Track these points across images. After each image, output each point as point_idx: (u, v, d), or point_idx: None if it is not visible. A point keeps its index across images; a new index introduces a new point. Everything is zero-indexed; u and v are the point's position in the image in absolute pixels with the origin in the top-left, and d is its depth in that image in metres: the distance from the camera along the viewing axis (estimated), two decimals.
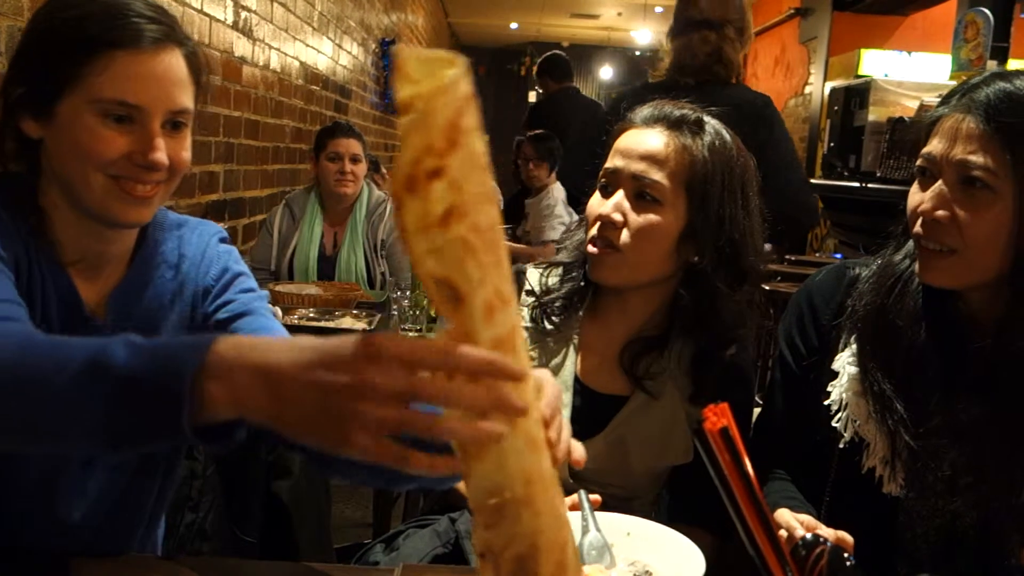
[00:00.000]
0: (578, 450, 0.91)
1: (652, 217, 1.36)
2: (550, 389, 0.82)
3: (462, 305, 0.66)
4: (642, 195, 1.37)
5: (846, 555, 0.84)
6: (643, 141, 1.38)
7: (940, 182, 1.18)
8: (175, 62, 1.13)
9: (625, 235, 1.37)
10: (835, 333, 1.33)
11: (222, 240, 1.32)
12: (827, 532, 1.05)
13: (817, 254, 7.10)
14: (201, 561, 1.32)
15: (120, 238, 1.20)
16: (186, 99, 1.14)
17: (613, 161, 1.41)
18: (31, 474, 1.15)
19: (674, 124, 1.39)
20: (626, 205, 1.37)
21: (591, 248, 1.39)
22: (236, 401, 0.73)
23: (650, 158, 1.37)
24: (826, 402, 1.31)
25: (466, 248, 0.64)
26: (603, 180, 1.42)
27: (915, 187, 1.25)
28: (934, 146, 1.19)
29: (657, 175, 1.36)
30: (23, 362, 0.82)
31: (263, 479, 2.24)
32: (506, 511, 0.70)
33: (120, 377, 0.76)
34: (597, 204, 1.41)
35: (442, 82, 0.63)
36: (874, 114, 4.66)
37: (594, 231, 1.39)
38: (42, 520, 1.17)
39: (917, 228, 1.21)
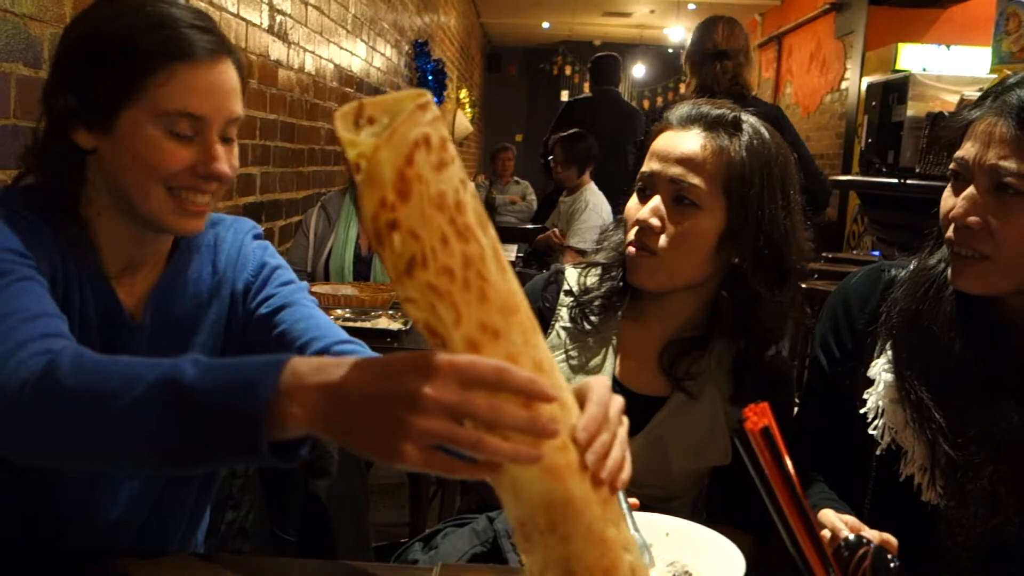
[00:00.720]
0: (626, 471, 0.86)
1: (690, 222, 1.35)
2: (593, 409, 0.78)
3: (446, 346, 0.69)
4: (680, 199, 1.35)
5: (890, 556, 0.83)
6: (680, 144, 1.37)
7: (972, 187, 1.16)
8: (229, 71, 1.15)
9: (663, 240, 1.35)
10: (870, 339, 1.31)
11: (256, 236, 1.33)
12: (871, 534, 1.03)
13: (855, 252, 7.03)
14: (241, 559, 1.33)
15: (161, 241, 1.22)
16: (240, 107, 1.16)
17: (650, 164, 1.39)
18: (73, 476, 1.17)
19: (711, 125, 1.38)
20: (663, 210, 1.35)
21: (630, 250, 1.38)
22: (307, 419, 0.75)
23: (687, 161, 1.35)
24: (862, 410, 1.29)
25: (435, 292, 0.66)
26: (640, 183, 1.41)
27: (948, 190, 1.22)
28: (967, 150, 1.17)
29: (695, 179, 1.34)
30: (83, 382, 0.83)
31: (302, 479, 2.26)
32: (533, 538, 0.70)
33: (193, 397, 0.77)
34: (635, 208, 1.40)
35: (380, 136, 0.64)
36: (913, 109, 4.59)
37: (632, 235, 1.38)
38: (84, 521, 1.19)
39: (949, 233, 1.19)
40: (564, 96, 14.46)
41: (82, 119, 1.11)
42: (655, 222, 1.35)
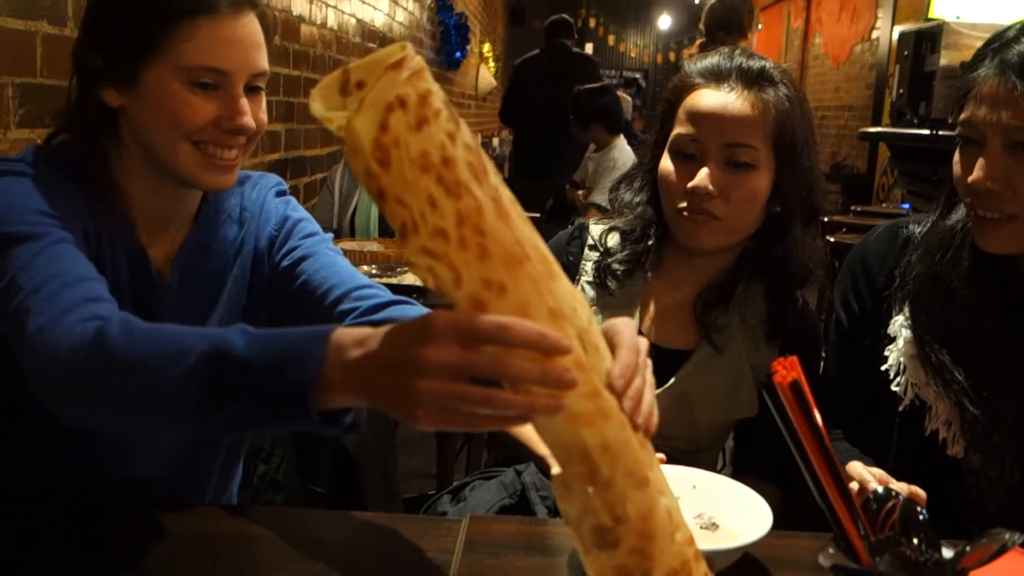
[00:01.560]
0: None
1: (748, 183, 1.32)
2: (626, 355, 0.78)
3: (455, 307, 0.68)
4: (734, 162, 1.32)
5: (919, 509, 0.82)
6: (727, 105, 1.32)
7: (986, 150, 1.14)
8: (253, 25, 1.14)
9: (722, 204, 1.32)
10: (889, 299, 1.31)
11: (280, 192, 1.33)
12: (899, 486, 1.03)
13: (884, 205, 6.93)
14: (273, 511, 1.36)
15: (190, 199, 1.22)
16: (264, 61, 1.15)
17: (691, 127, 1.34)
18: (105, 431, 1.19)
19: (751, 79, 1.33)
20: (718, 175, 1.32)
21: (684, 215, 1.34)
22: (346, 389, 0.77)
23: (741, 124, 1.31)
24: (884, 367, 1.29)
25: (431, 256, 0.65)
26: (676, 146, 1.36)
27: (957, 156, 1.20)
28: (973, 113, 1.14)
29: (752, 141, 1.31)
30: (134, 351, 0.85)
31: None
32: (571, 485, 0.70)
33: (243, 368, 0.80)
34: (678, 173, 1.35)
35: (352, 106, 0.63)
36: (946, 58, 4.50)
37: (684, 202, 1.34)
38: (116, 474, 1.21)
39: (969, 200, 1.17)
40: (588, 49, 14.29)
41: (109, 77, 1.11)
42: (712, 189, 1.31)
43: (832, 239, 4.05)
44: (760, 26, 10.23)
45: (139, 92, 1.10)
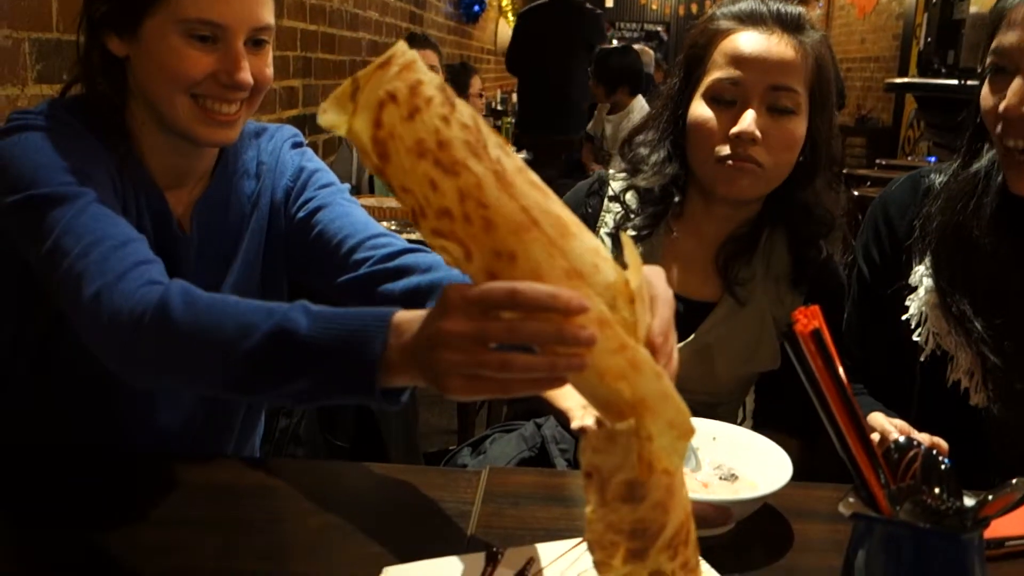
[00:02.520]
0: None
1: (790, 128, 1.30)
2: (664, 310, 0.79)
3: (472, 280, 0.70)
4: (777, 107, 1.29)
5: (941, 459, 0.82)
6: (770, 49, 1.29)
7: (1021, 76, 1.11)
8: None
9: (763, 151, 1.29)
10: (909, 252, 1.29)
11: (295, 144, 1.32)
12: (921, 436, 1.02)
13: (909, 158, 6.83)
14: (295, 463, 1.37)
15: (206, 153, 1.22)
16: (268, 15, 1.14)
17: (734, 70, 1.30)
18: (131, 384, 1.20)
19: (789, 24, 1.31)
20: (761, 120, 1.29)
21: (727, 163, 1.30)
22: (404, 368, 0.80)
23: (785, 66, 1.29)
24: (905, 316, 1.27)
25: (440, 236, 0.68)
26: (715, 91, 1.32)
27: (987, 88, 1.17)
28: (1008, 39, 1.11)
29: (794, 83, 1.29)
30: (199, 324, 0.88)
31: None
32: (618, 439, 0.69)
33: (309, 348, 0.83)
34: (717, 119, 1.31)
35: (349, 112, 0.67)
36: (976, 5, 4.39)
37: (726, 149, 1.30)
38: (142, 425, 1.23)
39: (1000, 130, 1.14)
40: (609, 2, 14.07)
41: (113, 25, 1.11)
42: (758, 134, 1.28)
43: (856, 192, 4.00)
44: None
45: (140, 42, 1.10)
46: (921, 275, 1.26)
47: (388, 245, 1.18)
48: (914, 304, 1.27)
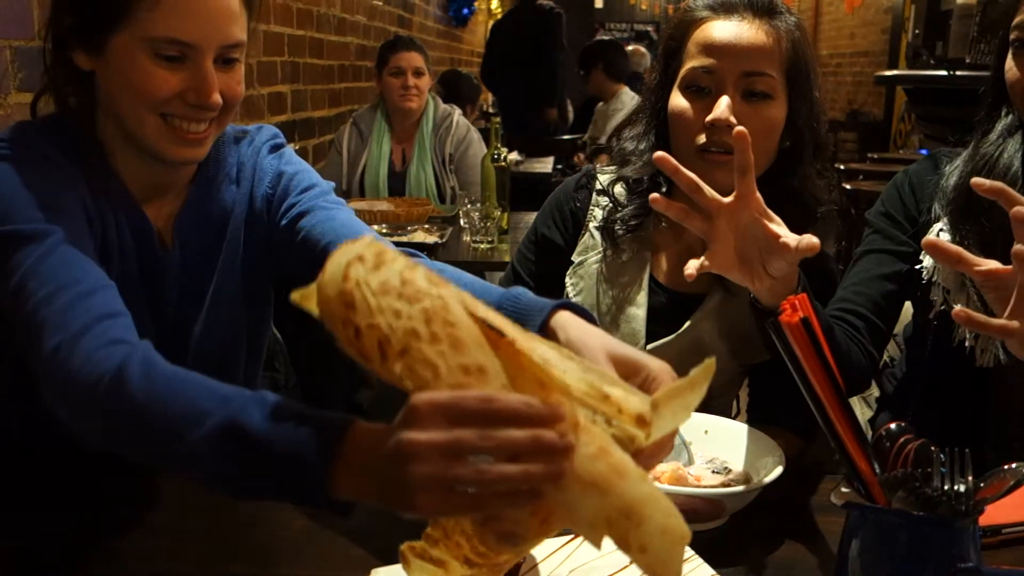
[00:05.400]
0: None
1: (767, 113, 1.29)
2: (666, 427, 0.77)
3: None
4: (751, 93, 1.29)
5: (933, 447, 0.81)
6: (742, 34, 1.29)
7: None
8: None
9: None
10: (928, 216, 1.32)
11: (274, 147, 1.29)
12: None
13: (901, 151, 6.84)
14: None
15: (179, 167, 1.19)
16: (238, 32, 1.10)
17: (704, 59, 1.30)
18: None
19: (761, 10, 1.31)
20: (736, 107, 1.28)
21: (704, 156, 1.29)
22: (356, 487, 0.74)
23: (757, 51, 1.28)
24: (918, 266, 1.31)
25: (408, 356, 0.67)
26: (689, 80, 1.32)
27: (1011, 61, 1.18)
28: None
29: (768, 68, 1.28)
30: (152, 402, 0.83)
31: (344, 390, 2.29)
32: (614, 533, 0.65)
33: (258, 447, 0.77)
34: (693, 108, 1.31)
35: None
36: None
37: (703, 138, 1.29)
38: None
39: None
40: (599, 3, 14.08)
41: (79, 40, 1.08)
42: (735, 120, 1.26)
43: (849, 186, 4.00)
44: None
45: (107, 59, 1.06)
46: (936, 232, 1.28)
47: None
48: (928, 259, 1.29)
